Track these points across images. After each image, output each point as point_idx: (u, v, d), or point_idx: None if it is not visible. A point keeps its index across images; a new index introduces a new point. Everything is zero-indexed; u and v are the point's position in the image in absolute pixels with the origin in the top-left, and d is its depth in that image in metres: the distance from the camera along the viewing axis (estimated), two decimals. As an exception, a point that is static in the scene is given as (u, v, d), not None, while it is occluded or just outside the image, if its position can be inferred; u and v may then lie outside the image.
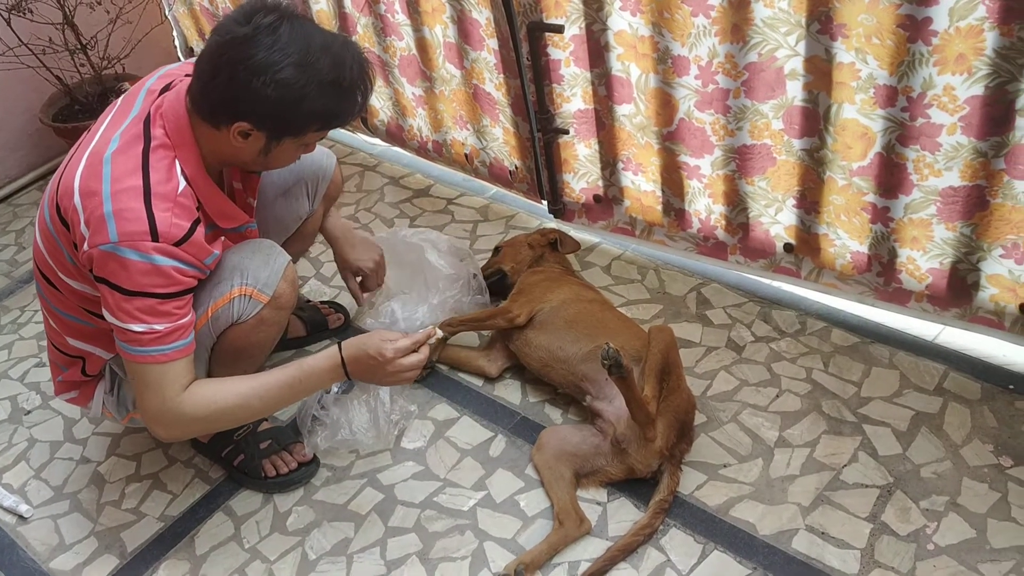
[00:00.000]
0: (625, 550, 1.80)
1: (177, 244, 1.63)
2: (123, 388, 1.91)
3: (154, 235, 1.60)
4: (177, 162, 1.67)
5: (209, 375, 1.89)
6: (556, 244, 2.40)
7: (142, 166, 1.64)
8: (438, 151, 2.89)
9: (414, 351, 1.81)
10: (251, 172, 1.90)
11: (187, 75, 1.71)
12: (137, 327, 1.63)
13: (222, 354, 1.84)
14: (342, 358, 1.78)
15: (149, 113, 1.70)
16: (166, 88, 1.75)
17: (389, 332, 1.83)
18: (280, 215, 2.12)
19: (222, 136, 1.66)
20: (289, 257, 1.87)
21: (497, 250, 2.46)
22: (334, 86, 1.62)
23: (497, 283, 2.38)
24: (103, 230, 1.59)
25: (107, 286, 1.62)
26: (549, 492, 1.93)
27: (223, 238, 1.80)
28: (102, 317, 1.78)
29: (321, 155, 2.15)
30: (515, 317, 2.14)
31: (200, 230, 1.69)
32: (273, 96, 1.58)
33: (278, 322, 1.89)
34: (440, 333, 1.95)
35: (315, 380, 1.80)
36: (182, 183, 1.67)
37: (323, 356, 1.80)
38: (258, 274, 1.80)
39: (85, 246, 1.62)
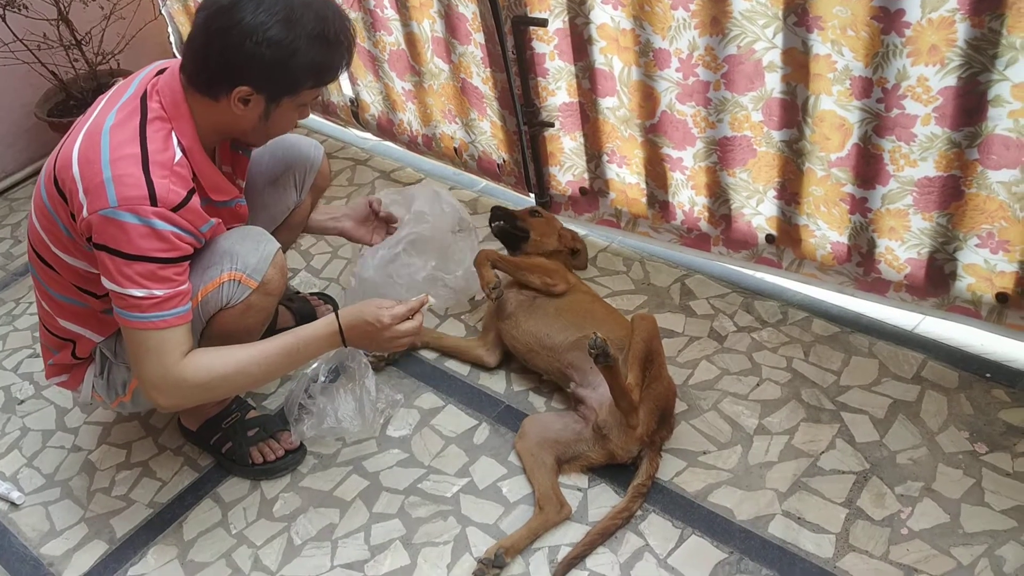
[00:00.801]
0: (604, 534, 1.83)
1: (175, 210, 1.67)
2: (112, 371, 1.94)
3: (153, 200, 1.64)
4: (174, 133, 1.72)
5: None
6: (574, 252, 2.39)
7: (140, 136, 1.68)
8: (428, 145, 2.92)
9: (408, 318, 1.86)
10: (247, 146, 1.95)
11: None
12: (137, 292, 1.66)
13: (211, 339, 1.87)
14: (339, 325, 1.83)
15: (146, 90, 1.75)
16: (160, 73, 1.80)
17: (384, 300, 1.88)
18: (268, 204, 2.15)
19: (221, 107, 1.72)
20: (278, 244, 1.90)
21: (535, 212, 2.40)
22: (321, 38, 1.68)
23: (511, 235, 2.34)
24: (102, 195, 1.63)
25: (107, 252, 1.65)
26: (531, 478, 1.96)
27: (216, 216, 1.84)
28: (95, 296, 1.82)
29: (309, 146, 2.19)
30: (555, 286, 2.18)
31: (195, 199, 1.74)
32: (267, 55, 1.64)
33: (266, 308, 1.92)
34: (432, 300, 1.97)
35: (313, 347, 1.84)
36: (178, 153, 1.72)
37: (320, 324, 1.85)
38: (247, 259, 1.83)
39: (84, 212, 1.65)
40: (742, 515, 1.84)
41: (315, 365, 2.20)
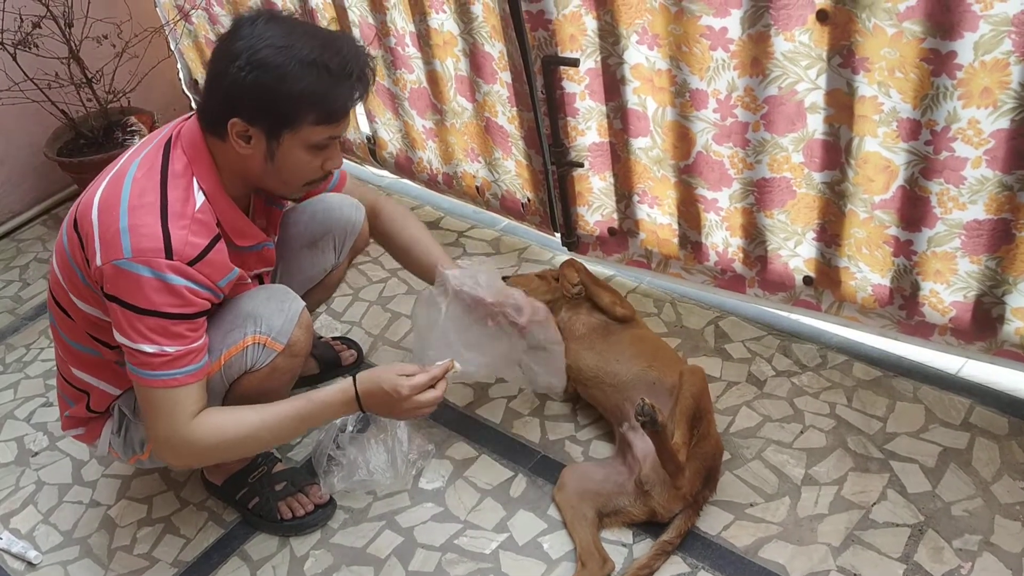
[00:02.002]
0: None
1: (192, 263, 1.61)
2: (130, 430, 1.87)
3: (168, 252, 1.58)
4: (195, 179, 1.66)
5: None
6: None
7: (160, 184, 1.63)
8: (448, 183, 2.87)
9: (431, 386, 1.78)
10: (277, 198, 1.88)
11: None
12: (148, 347, 1.60)
13: (234, 401, 1.81)
14: (356, 392, 1.76)
15: (170, 137, 1.71)
16: (188, 119, 1.75)
17: (406, 366, 1.81)
18: (305, 267, 2.09)
19: (229, 147, 1.64)
20: (303, 303, 1.84)
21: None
22: (319, 66, 1.56)
23: None
24: (117, 245, 1.58)
25: (118, 304, 1.59)
26: (571, 532, 1.90)
27: (241, 261, 1.78)
28: (109, 346, 1.75)
29: (350, 207, 2.09)
30: (621, 306, 2.15)
31: (220, 246, 1.67)
32: (249, 79, 1.54)
33: (292, 369, 1.86)
34: (459, 367, 1.89)
35: (328, 412, 1.78)
36: (199, 200, 1.65)
37: (337, 389, 1.77)
38: (272, 322, 1.77)
39: (98, 260, 1.60)
40: (795, 572, 1.78)
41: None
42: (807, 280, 2.21)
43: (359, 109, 3.01)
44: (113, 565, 2.03)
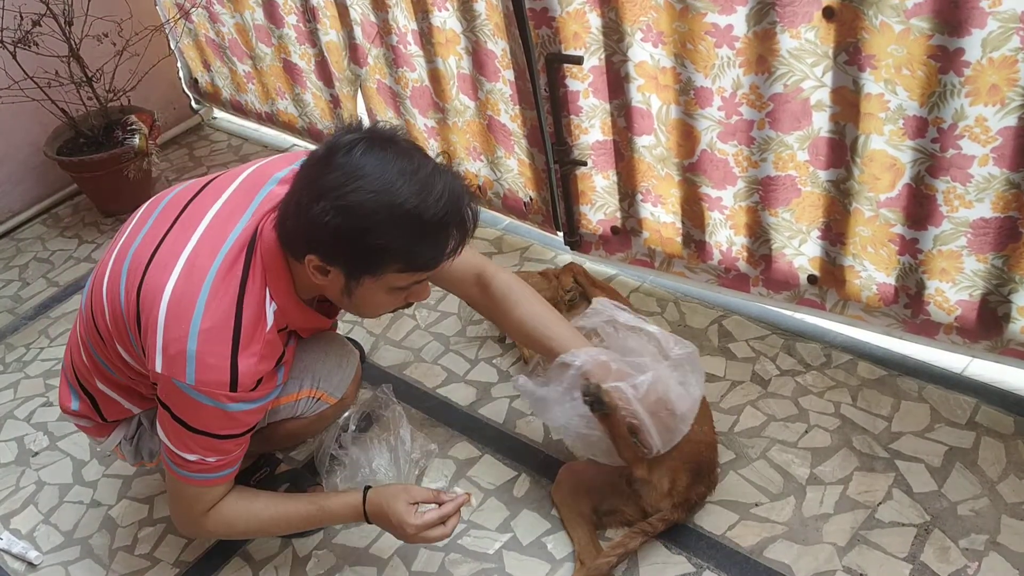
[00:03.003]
0: (598, 571, 1.77)
1: (254, 389, 1.54)
2: (143, 439, 1.86)
3: (233, 386, 1.50)
4: (268, 291, 1.55)
5: None
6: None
7: (237, 303, 1.51)
8: (450, 182, 2.86)
9: (442, 523, 1.69)
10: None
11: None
12: (190, 456, 1.57)
13: (274, 436, 1.83)
14: (365, 510, 1.71)
15: (256, 233, 1.56)
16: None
17: (419, 491, 1.72)
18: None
19: (303, 270, 1.51)
20: (358, 356, 1.84)
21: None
22: (414, 218, 1.40)
23: None
24: (181, 366, 1.48)
25: (170, 413, 1.54)
26: (568, 530, 1.89)
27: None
28: (141, 379, 1.72)
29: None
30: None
31: (285, 354, 1.65)
32: (332, 224, 1.39)
33: (336, 416, 1.90)
34: (474, 503, 1.92)
35: (335, 520, 1.79)
36: (271, 316, 1.55)
37: (346, 501, 1.73)
38: (331, 379, 1.78)
39: (157, 367, 1.50)
40: (801, 571, 1.77)
41: (346, 413, 2.13)
42: (811, 279, 2.19)
43: (360, 109, 3.01)
44: (114, 566, 2.02)
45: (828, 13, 1.79)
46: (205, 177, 1.72)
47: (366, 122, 1.55)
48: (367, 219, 1.39)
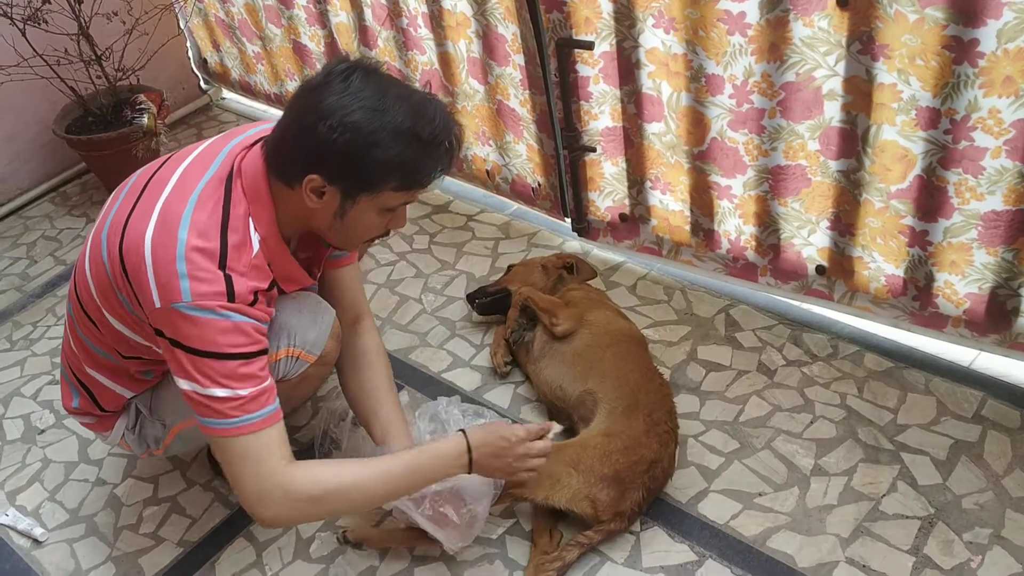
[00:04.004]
0: None
1: (251, 304, 1.53)
2: (145, 427, 1.85)
3: (230, 296, 1.49)
4: (251, 221, 1.56)
5: None
6: (572, 269, 2.35)
7: (221, 227, 1.52)
8: (458, 167, 2.85)
9: (539, 438, 1.72)
10: (327, 246, 1.81)
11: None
12: (220, 392, 1.50)
13: None
14: (468, 443, 1.66)
15: (232, 169, 1.59)
16: (250, 147, 1.63)
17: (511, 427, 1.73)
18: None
19: (296, 196, 1.55)
20: (334, 313, 1.81)
21: (510, 268, 2.42)
22: (411, 135, 1.48)
23: (500, 302, 2.33)
24: (175, 288, 1.48)
25: (181, 349, 1.49)
26: (532, 509, 1.91)
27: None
28: (134, 359, 1.71)
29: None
30: (557, 325, 2.11)
31: (274, 293, 1.63)
32: (340, 141, 1.45)
33: (321, 376, 1.88)
34: (558, 428, 1.85)
35: (439, 465, 1.65)
36: (256, 245, 1.56)
37: (448, 442, 1.68)
38: (306, 335, 1.75)
39: (156, 303, 1.49)
40: (803, 562, 1.77)
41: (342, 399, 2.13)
42: (820, 269, 2.19)
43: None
44: (119, 543, 2.03)
45: (842, 1, 1.78)
46: (163, 156, 1.73)
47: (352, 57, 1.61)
48: (372, 135, 1.46)
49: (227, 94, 3.84)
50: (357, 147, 1.46)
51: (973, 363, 2.12)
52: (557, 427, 1.81)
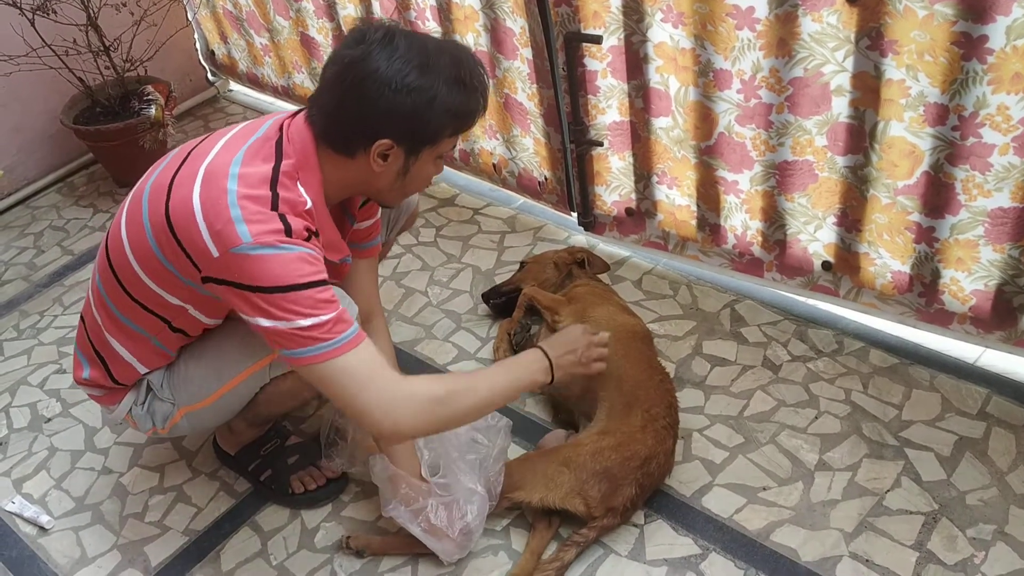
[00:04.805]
0: None
1: (307, 240, 1.56)
2: (153, 404, 1.86)
3: (287, 231, 1.52)
4: (299, 184, 1.59)
5: (250, 405, 1.86)
6: (584, 263, 2.35)
7: (271, 180, 1.55)
8: (465, 160, 2.86)
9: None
10: (384, 205, 1.86)
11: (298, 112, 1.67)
12: (305, 321, 1.50)
13: (275, 394, 1.82)
14: (543, 349, 1.77)
15: (281, 132, 1.63)
16: (291, 116, 1.67)
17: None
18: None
19: (357, 164, 1.61)
20: (356, 307, 1.81)
21: (522, 265, 2.42)
22: (458, 82, 1.58)
23: (515, 301, 2.31)
24: (233, 233, 1.50)
25: (253, 292, 1.50)
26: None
27: None
28: (165, 321, 1.72)
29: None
30: (559, 322, 2.12)
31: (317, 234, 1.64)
32: (408, 103, 1.53)
33: None
34: (606, 335, 1.90)
35: (524, 368, 1.74)
36: (309, 202, 1.60)
37: (525, 354, 1.79)
38: None
39: (214, 253, 1.51)
40: (807, 556, 1.77)
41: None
42: (826, 265, 2.19)
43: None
44: (125, 532, 2.04)
45: (851, -3, 1.78)
46: (201, 136, 1.76)
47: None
48: (431, 90, 1.54)
49: (234, 86, 3.85)
50: (421, 105, 1.54)
51: (978, 360, 2.12)
52: (605, 334, 1.88)
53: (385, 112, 1.54)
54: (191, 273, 1.59)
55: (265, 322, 1.52)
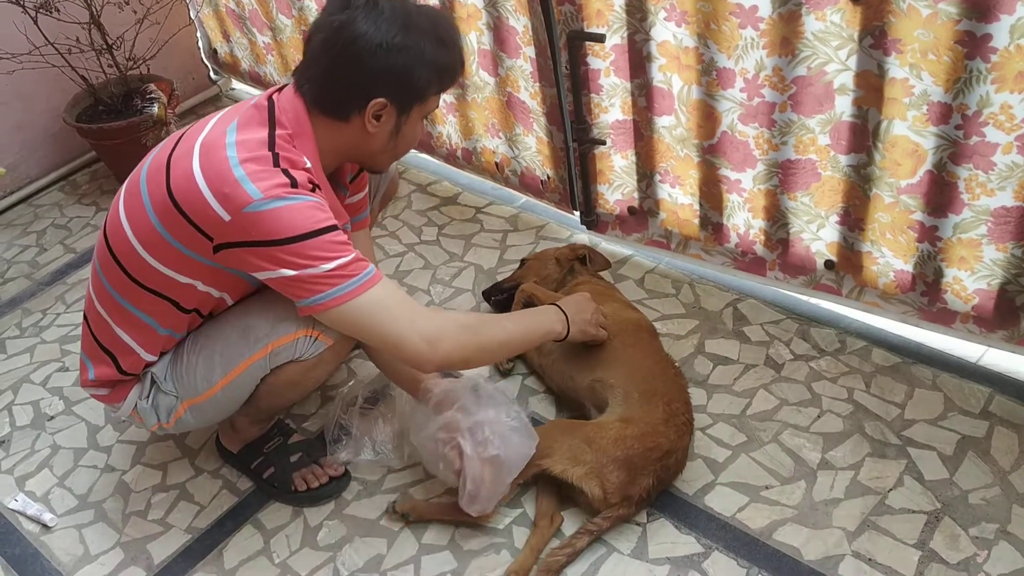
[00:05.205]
0: (548, 570, 1.78)
1: (312, 191, 1.61)
2: (158, 398, 1.86)
3: (293, 183, 1.58)
4: (295, 146, 1.65)
5: (251, 399, 1.86)
6: (585, 260, 2.35)
7: (269, 142, 1.61)
8: (467, 159, 2.86)
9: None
10: (371, 171, 1.91)
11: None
12: (327, 265, 1.57)
13: (275, 385, 1.82)
14: (559, 306, 1.91)
15: (272, 102, 1.68)
16: (279, 90, 1.73)
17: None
18: None
19: (352, 128, 1.67)
20: None
21: (523, 262, 2.42)
22: (439, 40, 1.65)
23: (510, 298, 2.31)
24: (243, 192, 1.55)
25: (269, 247, 1.55)
26: (537, 491, 1.92)
27: None
28: (172, 302, 1.73)
29: None
30: None
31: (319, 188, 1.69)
32: (399, 61, 1.60)
33: (337, 362, 1.87)
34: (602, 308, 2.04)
35: (543, 318, 1.88)
36: (307, 163, 1.65)
37: (543, 308, 1.95)
38: None
39: (225, 217, 1.56)
40: (809, 555, 1.77)
41: (352, 383, 2.14)
42: (828, 264, 2.19)
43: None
44: (127, 530, 2.04)
45: (855, -4, 1.77)
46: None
47: None
48: (418, 48, 1.61)
49: (237, 85, 3.84)
50: (411, 62, 1.62)
51: (981, 359, 2.12)
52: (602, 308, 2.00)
53: (378, 71, 1.60)
54: (200, 246, 1.62)
55: (290, 272, 1.57)
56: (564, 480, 1.82)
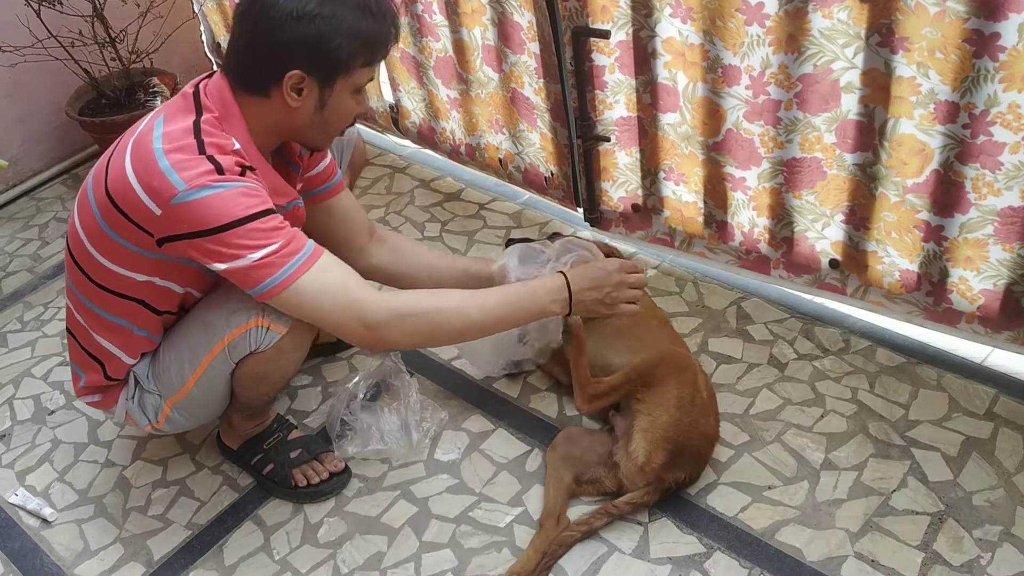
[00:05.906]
0: (562, 544, 1.79)
1: (241, 175, 1.58)
2: (143, 397, 1.86)
3: (219, 170, 1.55)
4: (223, 130, 1.63)
5: (232, 396, 1.86)
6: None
7: (194, 130, 1.59)
8: (471, 155, 2.85)
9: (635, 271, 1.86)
10: (311, 149, 1.83)
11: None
12: (257, 254, 1.55)
13: (243, 378, 1.81)
14: (567, 278, 1.78)
15: (197, 89, 1.66)
16: (206, 77, 1.71)
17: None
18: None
19: (274, 103, 1.63)
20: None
21: None
22: (364, 9, 1.59)
23: None
24: (168, 184, 1.53)
25: (201, 237, 1.54)
26: (545, 491, 1.91)
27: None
28: (140, 303, 1.73)
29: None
30: None
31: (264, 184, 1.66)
32: (312, 30, 1.55)
33: (299, 349, 1.83)
34: (643, 276, 1.93)
35: (538, 297, 1.76)
36: (236, 144, 1.62)
37: (545, 277, 1.82)
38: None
39: (156, 210, 1.55)
40: (812, 556, 1.76)
41: (356, 379, 2.14)
42: (833, 263, 2.17)
43: (383, 77, 3.00)
44: (128, 525, 2.03)
45: (862, -7, 1.76)
46: None
47: None
48: (335, 18, 1.56)
49: (240, 79, 3.83)
50: (327, 32, 1.56)
51: (986, 360, 2.10)
52: (643, 274, 1.91)
53: (290, 42, 1.56)
54: (144, 242, 1.61)
55: (221, 266, 1.56)
56: (634, 425, 1.82)
